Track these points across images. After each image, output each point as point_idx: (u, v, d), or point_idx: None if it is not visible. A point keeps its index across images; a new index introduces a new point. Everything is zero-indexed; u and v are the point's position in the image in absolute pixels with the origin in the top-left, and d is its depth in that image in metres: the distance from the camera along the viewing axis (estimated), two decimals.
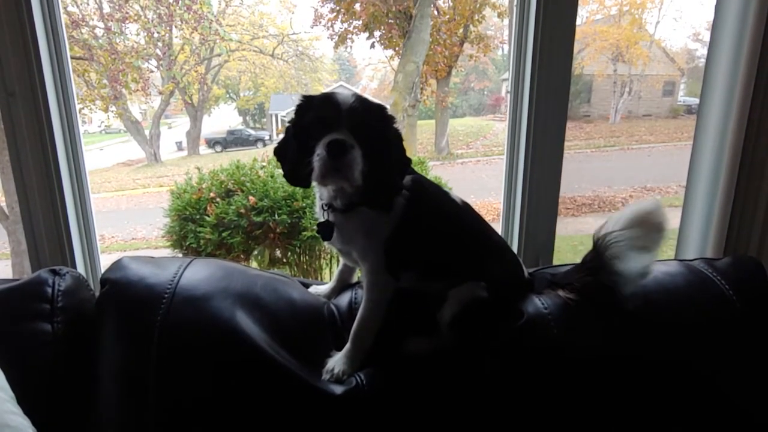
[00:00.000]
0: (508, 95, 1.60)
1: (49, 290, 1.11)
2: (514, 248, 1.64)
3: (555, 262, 1.64)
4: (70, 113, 1.46)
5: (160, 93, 6.27)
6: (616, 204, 5.99)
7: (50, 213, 1.46)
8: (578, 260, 1.23)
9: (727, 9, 1.46)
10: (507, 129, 1.62)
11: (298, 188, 2.71)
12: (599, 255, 1.14)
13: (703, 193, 1.57)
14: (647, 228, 1.11)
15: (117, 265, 1.14)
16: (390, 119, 1.04)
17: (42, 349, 1.06)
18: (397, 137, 1.06)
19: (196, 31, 5.17)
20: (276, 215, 2.74)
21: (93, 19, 5.03)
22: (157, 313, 1.03)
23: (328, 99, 1.00)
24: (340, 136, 0.94)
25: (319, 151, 0.95)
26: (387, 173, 1.02)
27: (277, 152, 1.10)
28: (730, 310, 1.18)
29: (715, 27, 1.50)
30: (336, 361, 1.09)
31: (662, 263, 1.30)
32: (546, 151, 1.54)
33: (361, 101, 1.00)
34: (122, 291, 1.09)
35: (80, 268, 1.55)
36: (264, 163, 3.05)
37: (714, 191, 1.52)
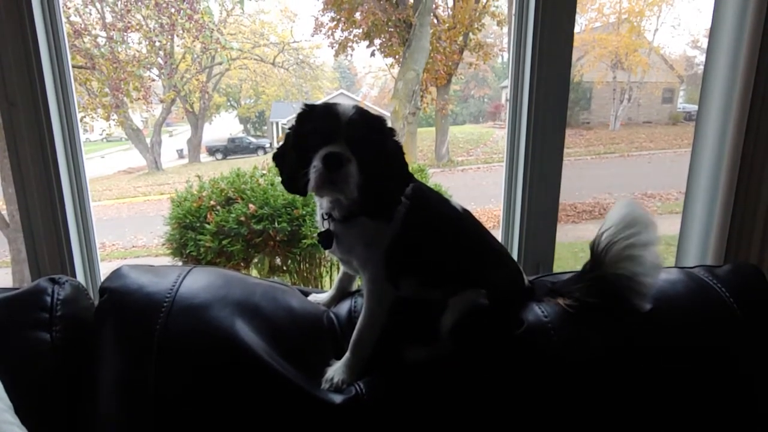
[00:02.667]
0: (508, 103, 1.61)
1: (48, 299, 1.11)
2: (515, 255, 1.64)
3: (555, 269, 1.64)
4: (71, 122, 1.47)
5: (162, 101, 6.30)
6: None
7: (50, 221, 1.47)
8: (579, 267, 1.22)
9: (724, 16, 1.47)
10: (506, 136, 1.62)
11: (298, 196, 2.71)
12: (600, 262, 1.14)
13: (703, 200, 1.57)
14: (640, 225, 1.12)
15: (116, 273, 1.14)
16: (389, 132, 1.04)
17: (40, 358, 1.06)
18: (397, 150, 1.06)
19: (198, 39, 5.20)
20: (276, 223, 2.74)
21: (95, 29, 5.07)
22: (156, 322, 1.03)
23: (329, 110, 1.00)
24: (336, 149, 0.95)
25: (316, 163, 0.95)
26: (385, 186, 1.02)
27: (276, 159, 1.10)
28: (731, 318, 1.18)
29: (713, 34, 1.51)
30: (335, 370, 1.08)
31: (663, 270, 1.29)
32: (545, 158, 1.55)
33: (360, 114, 1.00)
34: (121, 300, 1.08)
35: (80, 277, 1.55)
36: (264, 171, 3.05)
37: (713, 198, 1.52)
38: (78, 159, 1.51)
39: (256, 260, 2.97)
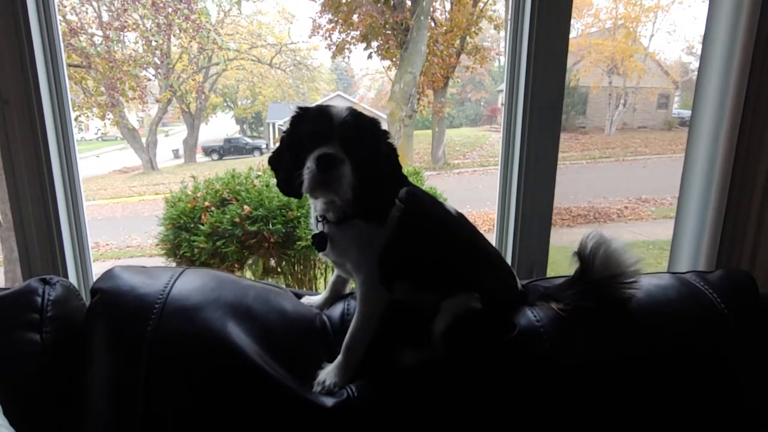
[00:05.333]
0: (503, 107, 1.61)
1: (39, 299, 1.10)
2: (508, 259, 1.64)
3: (551, 272, 1.65)
4: (65, 121, 1.46)
5: (158, 101, 6.28)
6: (611, 215, 6.02)
7: (43, 221, 1.45)
8: (573, 271, 1.23)
9: (717, 23, 1.48)
10: (501, 140, 1.62)
11: (293, 198, 2.71)
12: (588, 262, 1.18)
13: (696, 206, 1.58)
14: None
15: (108, 274, 1.13)
16: (383, 134, 1.05)
17: (30, 359, 1.05)
18: (391, 151, 1.06)
19: (195, 40, 5.20)
20: (271, 225, 2.73)
21: (92, 27, 5.06)
22: (147, 324, 1.02)
23: (322, 112, 1.00)
24: (329, 150, 0.95)
25: (309, 164, 0.95)
26: (379, 187, 1.02)
27: (271, 162, 1.10)
28: (722, 323, 1.19)
29: (707, 40, 1.52)
30: (327, 373, 1.08)
31: (655, 276, 1.30)
32: (540, 163, 1.55)
33: (354, 115, 1.00)
34: (113, 301, 1.08)
35: (72, 277, 1.54)
36: (259, 173, 3.04)
37: (706, 204, 1.53)
38: (71, 158, 1.50)
39: (250, 262, 2.97)
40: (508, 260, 1.64)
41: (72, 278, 1.54)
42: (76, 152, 1.52)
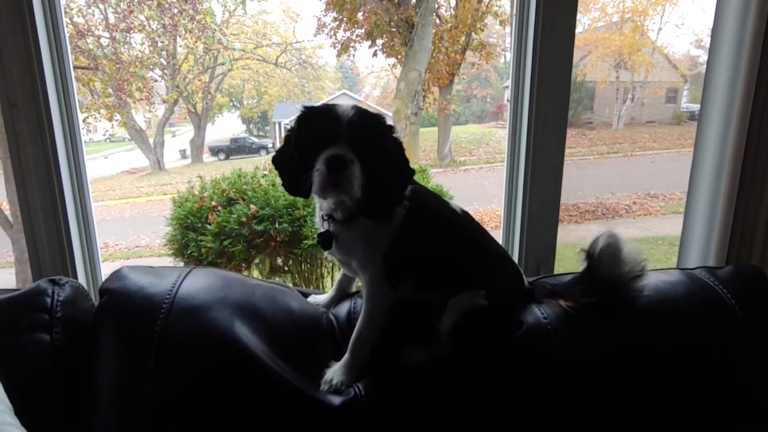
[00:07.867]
0: (509, 103, 1.60)
1: (48, 300, 1.11)
2: (515, 257, 1.63)
3: (559, 269, 1.64)
4: (72, 123, 1.47)
5: (164, 102, 6.32)
6: (620, 211, 5.97)
7: (51, 222, 1.47)
8: (581, 268, 1.22)
9: (726, 15, 1.46)
10: (507, 137, 1.62)
11: (299, 197, 2.71)
12: (594, 259, 1.16)
13: (705, 201, 1.56)
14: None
15: (116, 275, 1.15)
16: (389, 130, 1.04)
17: (40, 359, 1.06)
18: (397, 147, 1.05)
19: (200, 40, 5.22)
20: (277, 224, 2.74)
21: (98, 29, 5.10)
22: (155, 324, 1.03)
23: (329, 112, 1.00)
24: (339, 152, 0.95)
25: (319, 166, 0.95)
26: (386, 184, 1.02)
27: (276, 161, 1.10)
28: (732, 319, 1.17)
29: (715, 33, 1.50)
30: (334, 372, 1.08)
31: (663, 272, 1.29)
32: (546, 159, 1.54)
33: (360, 114, 1.00)
34: (121, 301, 1.09)
35: (81, 278, 1.55)
36: (265, 172, 3.05)
37: (715, 199, 1.51)
38: (79, 160, 1.51)
39: (257, 261, 2.97)
40: (515, 257, 1.63)
41: (81, 279, 1.55)
42: (84, 153, 1.53)
